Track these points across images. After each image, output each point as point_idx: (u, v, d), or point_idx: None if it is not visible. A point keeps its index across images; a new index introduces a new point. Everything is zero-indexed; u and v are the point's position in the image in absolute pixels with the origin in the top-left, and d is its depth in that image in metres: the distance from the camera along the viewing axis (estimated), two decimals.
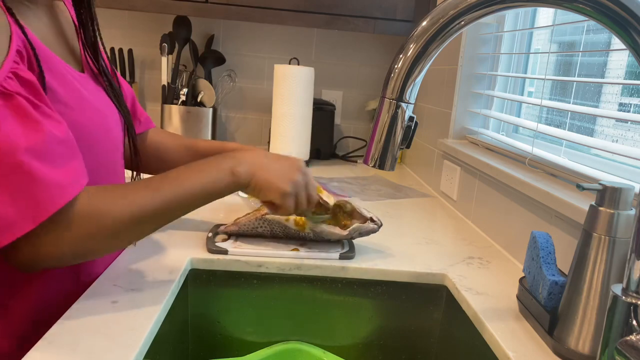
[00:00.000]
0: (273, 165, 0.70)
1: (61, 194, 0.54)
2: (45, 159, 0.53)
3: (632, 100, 0.87)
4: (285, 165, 0.71)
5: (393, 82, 0.55)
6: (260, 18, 1.60)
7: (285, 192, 0.70)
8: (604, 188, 0.57)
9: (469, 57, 1.31)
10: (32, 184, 0.52)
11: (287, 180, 0.70)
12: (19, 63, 0.55)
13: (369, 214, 0.85)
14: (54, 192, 0.53)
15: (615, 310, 0.48)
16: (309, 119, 1.63)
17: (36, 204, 0.52)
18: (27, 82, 0.54)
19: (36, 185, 0.52)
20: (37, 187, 0.52)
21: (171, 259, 0.79)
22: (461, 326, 0.75)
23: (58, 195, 0.54)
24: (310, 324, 0.85)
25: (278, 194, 0.70)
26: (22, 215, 0.52)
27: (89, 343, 0.55)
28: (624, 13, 0.46)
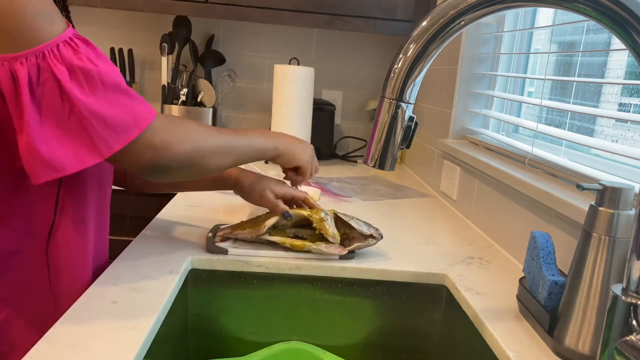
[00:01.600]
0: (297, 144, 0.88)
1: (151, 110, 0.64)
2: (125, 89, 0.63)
3: (632, 100, 0.87)
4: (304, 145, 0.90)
5: (393, 82, 0.55)
6: (260, 18, 1.60)
7: (307, 160, 0.89)
8: (604, 188, 0.57)
9: (469, 57, 1.31)
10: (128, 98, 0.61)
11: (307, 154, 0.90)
12: None
13: (369, 231, 0.85)
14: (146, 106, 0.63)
15: (615, 310, 0.48)
16: (309, 119, 1.63)
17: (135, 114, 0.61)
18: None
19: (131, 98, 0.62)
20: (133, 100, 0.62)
21: (171, 259, 0.79)
22: (461, 326, 0.75)
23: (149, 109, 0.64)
24: (310, 324, 0.85)
25: (304, 162, 0.89)
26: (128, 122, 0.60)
27: (89, 343, 0.55)
28: (624, 13, 0.46)
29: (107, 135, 0.58)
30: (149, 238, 0.88)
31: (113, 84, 0.59)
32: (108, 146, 0.59)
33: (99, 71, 0.58)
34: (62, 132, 0.57)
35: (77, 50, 0.58)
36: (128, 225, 1.40)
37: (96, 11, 1.84)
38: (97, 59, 0.59)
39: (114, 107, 0.59)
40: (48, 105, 0.56)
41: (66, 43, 0.57)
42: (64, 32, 0.57)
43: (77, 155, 0.57)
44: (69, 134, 0.57)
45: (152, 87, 1.93)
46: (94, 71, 0.58)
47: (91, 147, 0.58)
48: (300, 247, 0.82)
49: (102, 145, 0.58)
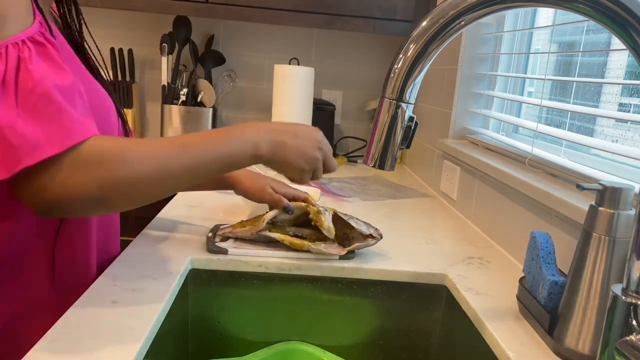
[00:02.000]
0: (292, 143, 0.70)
1: (85, 129, 0.55)
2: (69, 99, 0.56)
3: (632, 100, 0.87)
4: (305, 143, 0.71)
5: (393, 82, 0.55)
6: (260, 18, 1.60)
7: (304, 170, 0.72)
8: (604, 188, 0.57)
9: (469, 57, 1.31)
10: (59, 113, 0.54)
11: (305, 159, 0.71)
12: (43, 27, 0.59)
13: (369, 230, 0.85)
14: (79, 125, 0.55)
15: (615, 310, 0.48)
16: (309, 119, 1.63)
17: (62, 130, 0.54)
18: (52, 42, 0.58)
19: (62, 114, 0.54)
20: (64, 116, 0.54)
21: (171, 259, 0.79)
22: (461, 326, 0.75)
23: (83, 128, 0.55)
24: (310, 324, 0.85)
25: (296, 173, 0.72)
26: (49, 138, 0.53)
27: (89, 343, 0.55)
28: (624, 13, 0.46)
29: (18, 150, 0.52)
30: (149, 238, 0.88)
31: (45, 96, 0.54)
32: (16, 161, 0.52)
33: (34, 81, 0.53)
34: None
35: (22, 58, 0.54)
36: (128, 225, 1.40)
37: (96, 11, 1.84)
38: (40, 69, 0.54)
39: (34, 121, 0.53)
40: None
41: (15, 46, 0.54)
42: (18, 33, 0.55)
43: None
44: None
45: (152, 87, 1.93)
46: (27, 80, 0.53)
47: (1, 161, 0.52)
48: (299, 246, 0.82)
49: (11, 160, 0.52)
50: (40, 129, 0.53)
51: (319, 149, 0.73)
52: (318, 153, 0.73)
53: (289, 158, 0.70)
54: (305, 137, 0.72)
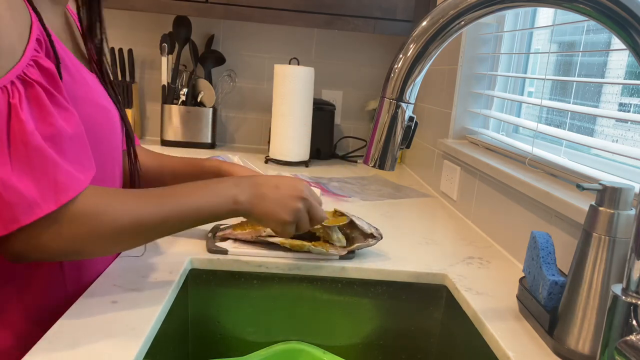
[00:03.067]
0: (273, 194, 0.69)
1: (78, 183, 0.55)
2: (60, 149, 0.55)
3: (632, 100, 0.87)
4: (286, 194, 0.70)
5: (393, 82, 0.55)
6: (260, 18, 1.60)
7: (285, 222, 0.70)
8: (604, 188, 0.57)
9: (469, 57, 1.31)
10: (53, 168, 0.53)
11: (286, 211, 0.70)
12: (39, 51, 0.56)
13: (370, 229, 0.85)
14: (71, 180, 0.55)
15: (615, 310, 0.48)
16: (309, 119, 1.63)
17: (56, 186, 0.53)
18: (46, 70, 0.56)
19: (56, 169, 0.53)
20: (57, 171, 0.54)
21: (171, 259, 0.79)
22: (461, 326, 0.75)
23: (75, 183, 0.55)
24: (310, 324, 0.85)
25: (278, 225, 0.70)
26: (45, 196, 0.52)
27: (89, 343, 0.55)
28: (624, 13, 0.46)
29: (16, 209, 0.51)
30: None
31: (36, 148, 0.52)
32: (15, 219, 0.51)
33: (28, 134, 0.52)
34: None
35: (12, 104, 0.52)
36: None
37: None
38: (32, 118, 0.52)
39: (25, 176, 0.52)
40: None
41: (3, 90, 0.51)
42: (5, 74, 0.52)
43: None
44: None
45: (152, 87, 1.93)
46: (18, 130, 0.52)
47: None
48: (300, 247, 0.82)
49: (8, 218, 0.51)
50: (36, 185, 0.52)
51: (301, 200, 0.71)
52: (300, 204, 0.71)
53: (269, 210, 0.68)
54: (286, 188, 0.70)
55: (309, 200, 0.72)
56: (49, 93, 0.56)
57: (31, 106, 0.53)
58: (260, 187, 0.69)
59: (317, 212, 0.73)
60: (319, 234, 0.85)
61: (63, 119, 0.56)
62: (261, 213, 0.69)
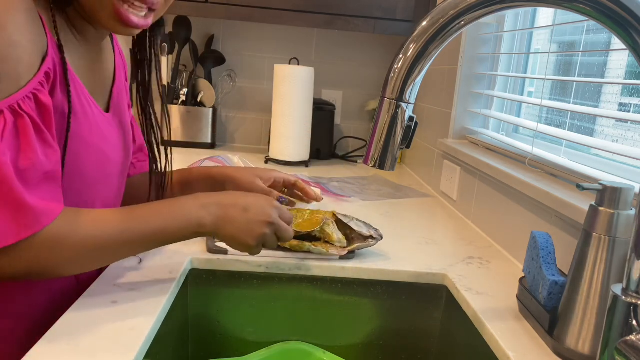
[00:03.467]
0: (240, 217, 0.68)
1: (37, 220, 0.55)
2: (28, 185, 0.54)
3: (632, 100, 0.87)
4: (253, 218, 0.69)
5: (393, 82, 0.55)
6: (260, 18, 1.60)
7: (250, 247, 0.70)
8: (604, 188, 0.57)
9: (469, 57, 1.31)
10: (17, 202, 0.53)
11: (252, 236, 0.69)
12: (43, 85, 0.57)
13: (369, 232, 0.85)
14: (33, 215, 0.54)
15: (615, 310, 0.48)
16: (309, 119, 1.63)
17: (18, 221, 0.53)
18: (42, 105, 0.56)
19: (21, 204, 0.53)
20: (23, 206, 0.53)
21: (171, 259, 0.79)
22: (461, 326, 0.75)
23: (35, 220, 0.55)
24: (310, 324, 0.85)
25: (243, 248, 0.70)
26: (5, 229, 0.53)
27: (89, 343, 0.55)
28: (624, 13, 0.46)
29: None
30: None
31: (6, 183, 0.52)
32: None
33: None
34: None
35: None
36: None
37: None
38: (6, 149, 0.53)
39: None
40: None
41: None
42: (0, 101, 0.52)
43: None
44: None
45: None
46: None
47: None
48: (300, 248, 0.82)
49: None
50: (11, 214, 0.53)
51: (267, 225, 0.69)
52: (267, 229, 0.69)
53: (234, 234, 0.68)
54: (255, 212, 0.69)
55: (276, 224, 0.70)
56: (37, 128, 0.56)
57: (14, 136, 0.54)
58: (227, 209, 0.68)
59: (284, 234, 0.72)
60: (319, 234, 0.85)
61: (44, 155, 0.56)
62: (226, 236, 0.68)
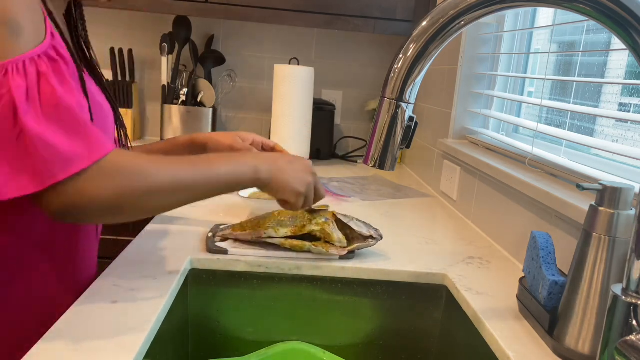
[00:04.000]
0: (288, 168, 0.75)
1: (106, 144, 0.58)
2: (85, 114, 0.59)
3: (632, 100, 0.87)
4: (299, 168, 0.77)
5: (393, 82, 0.55)
6: (260, 18, 1.60)
7: (300, 193, 0.76)
8: (604, 188, 0.57)
9: (469, 57, 1.31)
10: (84, 128, 0.57)
11: (301, 183, 0.76)
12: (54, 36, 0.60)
13: (369, 232, 0.84)
14: (101, 140, 0.58)
15: (615, 310, 0.48)
16: (309, 119, 1.63)
17: (89, 144, 0.56)
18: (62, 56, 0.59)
19: (87, 130, 0.57)
20: (88, 131, 0.57)
21: (171, 259, 0.79)
22: (461, 326, 0.75)
23: (105, 143, 0.58)
24: (310, 324, 0.85)
25: (293, 195, 0.75)
26: (78, 152, 0.55)
27: (89, 343, 0.55)
28: (624, 13, 0.46)
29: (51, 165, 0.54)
30: (148, 238, 0.88)
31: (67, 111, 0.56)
32: (51, 175, 0.54)
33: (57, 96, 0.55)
34: (4, 156, 0.53)
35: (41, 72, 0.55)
36: (128, 225, 1.40)
37: (96, 11, 1.84)
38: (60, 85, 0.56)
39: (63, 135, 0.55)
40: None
41: (32, 61, 0.55)
42: (34, 48, 0.55)
43: (16, 180, 0.53)
44: (13, 158, 0.54)
45: (152, 87, 1.93)
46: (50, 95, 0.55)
47: (33, 174, 0.54)
48: (300, 248, 0.82)
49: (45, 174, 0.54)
50: (69, 142, 0.55)
51: (311, 174, 0.78)
52: (311, 177, 0.78)
53: (286, 181, 0.74)
54: (298, 164, 0.77)
55: (316, 176, 0.79)
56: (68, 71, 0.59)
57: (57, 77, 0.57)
58: (276, 161, 0.75)
59: (320, 188, 0.80)
60: (319, 234, 0.85)
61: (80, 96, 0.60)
62: (279, 183, 0.74)
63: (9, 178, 0.53)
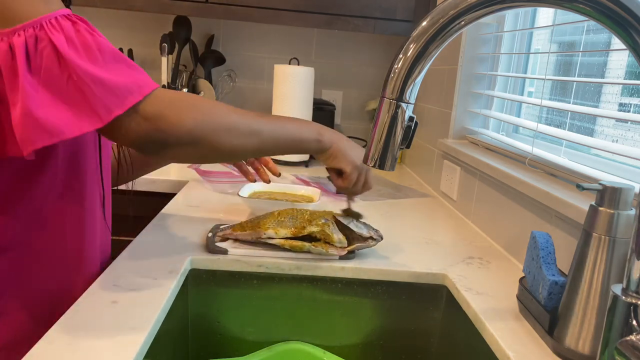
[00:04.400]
0: (347, 142, 0.78)
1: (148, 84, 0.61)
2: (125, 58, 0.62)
3: (632, 100, 0.87)
4: (356, 147, 0.80)
5: (393, 82, 0.55)
6: (260, 18, 1.60)
7: (356, 165, 0.78)
8: (604, 188, 0.57)
9: (469, 57, 1.31)
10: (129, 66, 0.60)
11: (357, 155, 0.79)
12: None
13: (369, 233, 0.84)
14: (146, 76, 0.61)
15: (615, 310, 0.48)
16: (309, 119, 1.63)
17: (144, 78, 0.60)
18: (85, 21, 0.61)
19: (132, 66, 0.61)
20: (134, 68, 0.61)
21: (171, 259, 0.79)
22: (461, 326, 0.75)
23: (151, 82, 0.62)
24: (310, 324, 0.85)
25: (350, 165, 0.78)
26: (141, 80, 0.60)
27: (89, 343, 0.55)
28: (624, 13, 0.46)
29: (108, 100, 0.57)
30: (148, 238, 0.88)
31: (111, 53, 0.59)
32: (108, 110, 0.57)
33: (98, 42, 0.58)
34: (60, 98, 0.55)
35: (76, 23, 0.58)
36: (128, 225, 1.40)
37: (96, 11, 1.84)
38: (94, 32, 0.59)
39: (112, 73, 0.58)
40: (46, 73, 0.55)
41: (64, 17, 0.58)
42: (60, 9, 0.58)
43: (75, 120, 0.56)
44: (68, 99, 0.56)
45: None
46: (91, 41, 0.58)
47: (90, 112, 0.56)
48: (300, 248, 0.82)
49: (102, 110, 0.56)
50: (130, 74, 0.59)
51: None
52: None
53: (346, 149, 0.77)
54: (357, 146, 0.81)
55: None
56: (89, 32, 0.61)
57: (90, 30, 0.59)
58: (336, 133, 0.78)
59: (371, 178, 0.82)
60: (319, 236, 0.85)
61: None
62: (339, 150, 0.76)
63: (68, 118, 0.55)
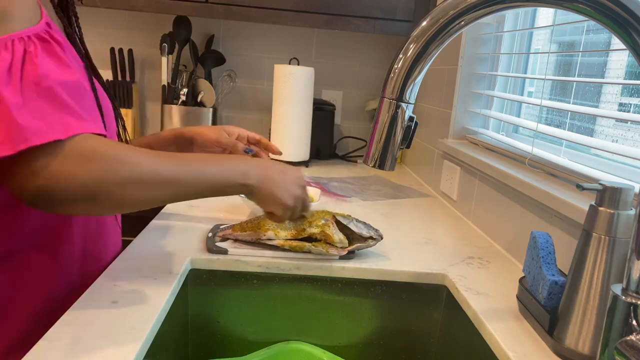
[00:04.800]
0: (279, 178, 0.72)
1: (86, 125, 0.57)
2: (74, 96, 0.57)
3: (632, 100, 0.87)
4: (290, 180, 0.74)
5: (393, 82, 0.55)
6: (261, 18, 1.60)
7: (287, 206, 0.73)
8: (604, 188, 0.57)
9: (469, 57, 1.31)
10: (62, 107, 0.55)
11: (290, 196, 0.73)
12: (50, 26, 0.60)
13: (369, 233, 0.84)
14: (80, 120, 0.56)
15: (615, 310, 0.48)
16: (309, 119, 1.63)
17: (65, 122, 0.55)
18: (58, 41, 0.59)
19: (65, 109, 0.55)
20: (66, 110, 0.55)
21: (171, 259, 0.79)
22: (461, 326, 0.75)
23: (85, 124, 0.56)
24: (310, 324, 0.85)
25: (280, 207, 0.73)
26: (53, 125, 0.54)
27: (89, 343, 0.55)
28: (624, 13, 0.46)
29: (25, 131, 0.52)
30: (149, 238, 0.88)
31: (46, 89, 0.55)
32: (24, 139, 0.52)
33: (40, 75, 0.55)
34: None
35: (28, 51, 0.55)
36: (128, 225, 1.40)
37: (96, 11, 1.84)
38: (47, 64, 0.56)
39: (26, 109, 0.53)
40: None
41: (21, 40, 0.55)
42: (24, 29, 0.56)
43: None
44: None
45: (152, 87, 1.93)
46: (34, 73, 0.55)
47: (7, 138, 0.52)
48: (300, 248, 0.82)
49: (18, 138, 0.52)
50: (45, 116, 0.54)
51: (302, 188, 0.75)
52: (301, 191, 0.75)
53: (275, 192, 0.71)
54: (291, 175, 0.74)
55: (305, 188, 0.77)
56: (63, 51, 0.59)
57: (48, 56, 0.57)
58: (268, 169, 0.71)
59: (307, 204, 0.78)
60: (319, 236, 0.85)
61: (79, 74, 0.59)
62: (267, 193, 0.71)
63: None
